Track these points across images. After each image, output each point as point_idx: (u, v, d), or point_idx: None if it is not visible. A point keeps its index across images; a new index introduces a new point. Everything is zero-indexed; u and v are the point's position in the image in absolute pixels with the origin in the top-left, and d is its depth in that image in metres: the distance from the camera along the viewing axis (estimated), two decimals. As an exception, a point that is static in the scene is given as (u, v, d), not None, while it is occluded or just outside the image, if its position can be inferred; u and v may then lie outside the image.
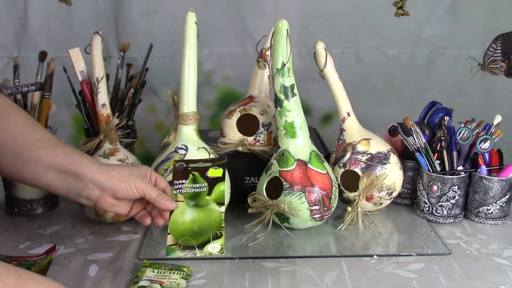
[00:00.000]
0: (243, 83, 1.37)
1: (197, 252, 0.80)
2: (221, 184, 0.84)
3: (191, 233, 0.81)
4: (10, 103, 0.83)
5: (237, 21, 1.43)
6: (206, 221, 0.82)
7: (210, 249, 0.81)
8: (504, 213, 1.05)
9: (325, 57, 1.03)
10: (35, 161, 0.77)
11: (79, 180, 0.78)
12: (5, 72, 1.36)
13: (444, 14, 1.44)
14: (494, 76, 1.48)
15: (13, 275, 0.59)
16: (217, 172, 0.84)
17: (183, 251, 0.81)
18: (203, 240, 0.81)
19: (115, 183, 0.78)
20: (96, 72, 1.01)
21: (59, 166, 0.77)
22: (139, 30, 1.40)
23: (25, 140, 0.78)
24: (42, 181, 0.78)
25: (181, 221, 0.82)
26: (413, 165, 1.11)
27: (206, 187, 0.83)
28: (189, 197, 0.83)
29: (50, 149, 0.78)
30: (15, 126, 0.79)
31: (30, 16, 1.39)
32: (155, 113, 1.50)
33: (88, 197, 0.79)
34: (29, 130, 0.80)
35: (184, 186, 0.83)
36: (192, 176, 0.83)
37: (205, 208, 0.83)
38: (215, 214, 0.82)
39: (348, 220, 1.00)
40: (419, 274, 0.85)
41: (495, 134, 1.06)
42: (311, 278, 0.84)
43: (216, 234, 0.81)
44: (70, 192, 0.79)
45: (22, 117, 0.81)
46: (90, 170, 0.78)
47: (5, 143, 0.77)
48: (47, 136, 0.81)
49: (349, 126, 1.06)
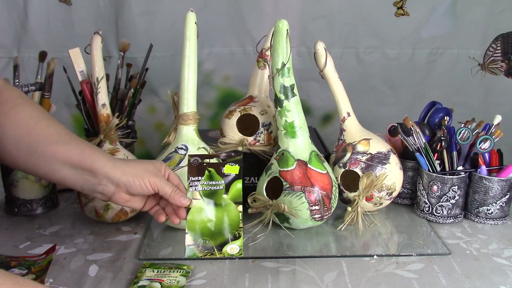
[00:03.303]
0: (243, 83, 1.37)
1: (216, 253, 0.79)
2: (238, 182, 0.81)
3: (209, 233, 0.80)
4: (22, 96, 0.82)
5: (237, 21, 1.43)
6: (224, 221, 0.80)
7: (229, 250, 0.79)
8: (504, 213, 1.05)
9: (325, 57, 1.03)
10: (49, 156, 0.76)
11: (94, 176, 0.77)
12: (5, 72, 1.36)
13: (444, 14, 1.45)
14: (494, 76, 1.48)
15: (10, 281, 0.59)
16: (233, 169, 0.81)
17: (202, 251, 0.79)
18: (221, 240, 0.80)
19: (129, 179, 0.78)
20: (96, 72, 1.01)
21: (74, 161, 0.77)
22: (139, 30, 1.40)
23: (38, 135, 0.77)
24: (57, 176, 0.78)
25: (199, 220, 0.80)
26: (413, 165, 1.11)
27: (223, 185, 0.81)
28: (205, 194, 0.81)
29: (64, 144, 0.77)
30: (28, 120, 0.78)
31: (30, 16, 1.39)
32: (155, 113, 1.50)
33: (102, 193, 0.78)
34: (43, 125, 0.79)
35: (200, 184, 0.81)
36: (208, 172, 0.81)
37: (223, 207, 0.81)
38: (233, 214, 0.81)
39: (348, 220, 1.00)
40: (419, 274, 0.85)
41: (495, 134, 1.06)
42: (311, 278, 0.84)
43: (235, 234, 0.80)
44: (85, 188, 0.78)
45: (35, 111, 0.80)
46: (105, 166, 0.77)
47: (19, 138, 0.76)
48: (61, 131, 0.80)
49: (349, 126, 1.06)
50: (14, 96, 0.80)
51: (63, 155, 0.76)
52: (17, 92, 0.82)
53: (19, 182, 1.05)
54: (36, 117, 0.79)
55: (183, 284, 0.80)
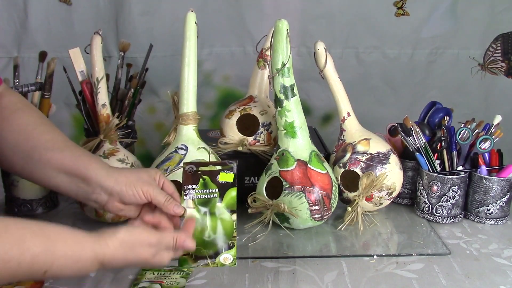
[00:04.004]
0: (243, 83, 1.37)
1: (209, 263, 0.78)
2: (232, 190, 0.80)
3: (202, 242, 0.79)
4: (22, 101, 0.82)
5: (237, 21, 1.43)
6: (218, 230, 0.79)
7: (222, 260, 0.78)
8: (504, 213, 1.05)
9: (325, 57, 1.03)
10: (45, 162, 0.76)
11: (88, 184, 0.77)
12: (5, 72, 1.36)
13: (444, 14, 1.45)
14: (494, 76, 1.48)
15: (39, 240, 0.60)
16: (228, 176, 0.80)
17: (196, 261, 0.78)
18: (214, 250, 0.79)
19: (122, 188, 0.77)
20: (96, 72, 1.01)
21: (68, 169, 0.77)
22: (139, 30, 1.40)
23: (35, 141, 0.78)
24: (52, 182, 0.78)
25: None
26: (413, 165, 1.11)
27: (217, 193, 0.80)
28: (200, 203, 0.80)
29: (59, 151, 0.78)
30: (27, 126, 0.78)
31: (30, 16, 1.39)
32: (155, 113, 1.50)
33: (96, 201, 0.78)
34: (40, 131, 0.79)
35: (195, 192, 0.80)
36: (203, 180, 0.80)
37: (217, 216, 0.80)
38: (227, 223, 0.79)
39: (348, 220, 1.00)
40: (419, 274, 0.85)
41: (495, 134, 1.06)
42: (311, 278, 0.84)
43: (228, 244, 0.79)
44: (79, 195, 0.79)
45: (34, 117, 0.81)
46: (98, 175, 0.77)
47: (16, 144, 0.77)
48: (58, 137, 0.80)
49: (349, 126, 1.06)
50: (14, 101, 0.80)
51: (58, 162, 0.77)
52: (18, 97, 0.83)
53: (19, 182, 1.05)
54: (35, 123, 0.80)
55: (183, 285, 0.80)
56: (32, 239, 0.60)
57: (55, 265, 0.61)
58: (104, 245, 0.66)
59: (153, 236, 0.71)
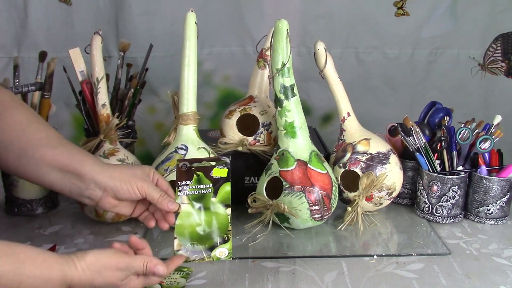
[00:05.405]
0: (243, 83, 1.37)
1: (205, 257, 0.79)
2: (226, 184, 0.81)
3: (197, 237, 0.80)
4: (15, 100, 0.82)
5: (237, 21, 1.43)
6: (213, 225, 0.80)
7: (218, 254, 0.79)
8: (504, 213, 1.05)
9: (325, 57, 1.03)
10: (38, 159, 0.77)
11: (81, 180, 0.77)
12: (5, 72, 1.36)
13: (444, 14, 1.44)
14: (494, 76, 1.48)
15: (8, 259, 0.60)
16: (221, 172, 0.81)
17: (191, 255, 0.79)
18: (210, 244, 0.80)
19: (116, 183, 0.78)
20: (96, 72, 1.01)
21: (61, 165, 0.77)
22: (139, 30, 1.40)
23: (28, 138, 0.78)
24: (45, 179, 0.78)
25: (188, 224, 0.80)
26: (413, 165, 1.11)
27: (211, 188, 0.81)
28: (194, 199, 0.81)
29: (52, 147, 0.78)
30: (20, 124, 0.78)
31: (30, 16, 1.39)
32: (155, 113, 1.50)
33: (90, 197, 0.79)
34: (34, 128, 0.79)
35: (189, 188, 0.81)
36: (197, 176, 0.81)
37: (211, 210, 0.81)
38: (222, 217, 0.80)
39: (348, 220, 1.00)
40: (419, 274, 0.85)
41: (495, 134, 1.06)
42: (311, 278, 0.84)
43: (223, 238, 0.80)
44: (73, 192, 0.79)
45: (27, 115, 0.81)
46: (92, 171, 0.77)
47: (9, 142, 0.77)
48: (51, 135, 0.80)
49: (349, 126, 1.06)
50: (7, 99, 0.81)
51: (51, 159, 0.77)
52: (10, 95, 0.83)
53: (19, 182, 1.05)
54: (28, 121, 0.80)
55: (183, 285, 0.80)
56: (0, 258, 0.60)
57: (22, 284, 0.61)
58: (72, 267, 0.65)
59: (122, 260, 0.69)
